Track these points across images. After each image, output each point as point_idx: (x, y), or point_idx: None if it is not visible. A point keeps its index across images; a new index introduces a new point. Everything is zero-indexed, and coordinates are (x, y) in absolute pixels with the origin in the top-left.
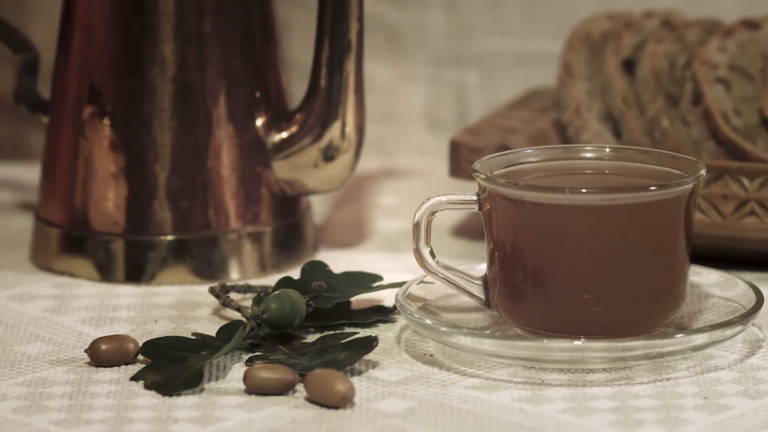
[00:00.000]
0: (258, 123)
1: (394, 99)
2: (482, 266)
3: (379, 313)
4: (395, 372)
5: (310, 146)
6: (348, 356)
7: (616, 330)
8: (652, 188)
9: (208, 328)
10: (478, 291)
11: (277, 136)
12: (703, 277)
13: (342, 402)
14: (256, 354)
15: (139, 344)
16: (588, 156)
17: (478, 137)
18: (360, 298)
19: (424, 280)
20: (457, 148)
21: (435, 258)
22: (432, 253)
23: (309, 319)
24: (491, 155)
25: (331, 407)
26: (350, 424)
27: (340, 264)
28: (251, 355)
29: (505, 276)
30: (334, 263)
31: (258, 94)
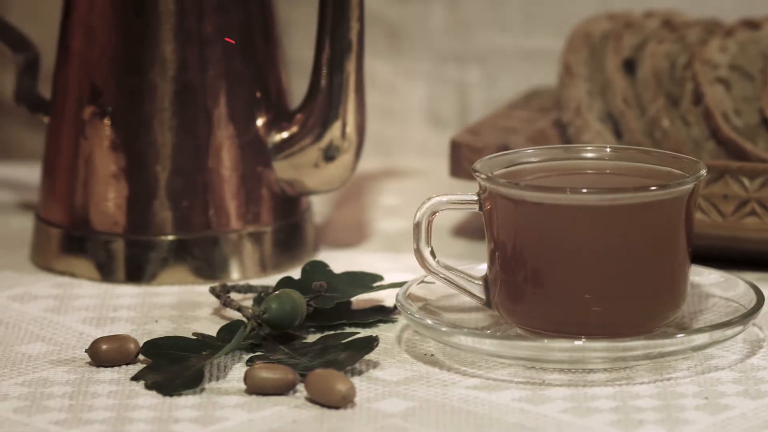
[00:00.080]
0: (258, 123)
1: (394, 96)
2: (483, 266)
3: (379, 313)
4: (396, 372)
5: (311, 146)
6: (348, 356)
7: (617, 330)
8: (652, 188)
9: (209, 328)
10: (479, 291)
11: (277, 136)
12: (704, 277)
13: (342, 402)
14: (257, 354)
15: (140, 344)
16: (588, 156)
17: (478, 137)
18: (360, 298)
19: (425, 280)
20: (457, 148)
21: (435, 258)
22: (432, 253)
23: (309, 319)
24: (492, 155)
25: (332, 407)
26: (351, 424)
27: (341, 264)
28: (252, 355)
29: (506, 276)
30: (334, 263)
31: (258, 94)
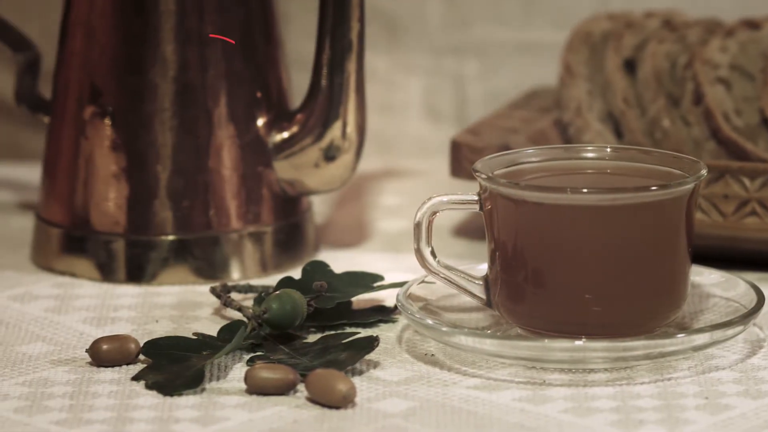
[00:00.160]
0: (259, 123)
1: (392, 89)
2: (483, 266)
3: (380, 313)
4: (396, 372)
5: (311, 146)
6: (349, 356)
7: (617, 330)
8: (653, 188)
9: (209, 328)
10: (479, 291)
11: (278, 136)
12: (704, 277)
13: (343, 402)
14: (257, 354)
15: (140, 344)
16: (589, 156)
17: (479, 137)
18: (361, 298)
19: (425, 280)
20: (458, 148)
21: (436, 258)
22: (433, 253)
23: (310, 319)
24: (492, 155)
25: (333, 407)
26: (351, 424)
27: (341, 264)
28: (252, 355)
29: (506, 276)
30: (335, 263)
31: (259, 94)
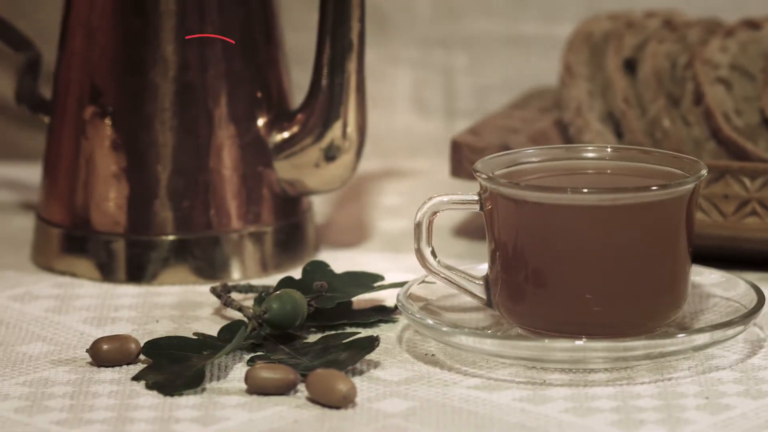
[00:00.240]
0: (259, 123)
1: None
2: (484, 266)
3: (380, 313)
4: (397, 372)
5: (312, 146)
6: (349, 356)
7: (618, 330)
8: (653, 188)
9: (210, 328)
10: (480, 291)
11: (278, 136)
12: (705, 277)
13: (343, 402)
14: (258, 354)
15: (141, 344)
16: (589, 156)
17: (479, 137)
18: (361, 298)
19: (426, 280)
20: (458, 148)
21: (436, 258)
22: (433, 253)
23: (310, 319)
24: (493, 155)
25: (333, 407)
26: (352, 424)
27: (342, 264)
28: (253, 355)
29: (507, 276)
30: (335, 263)
31: (259, 94)
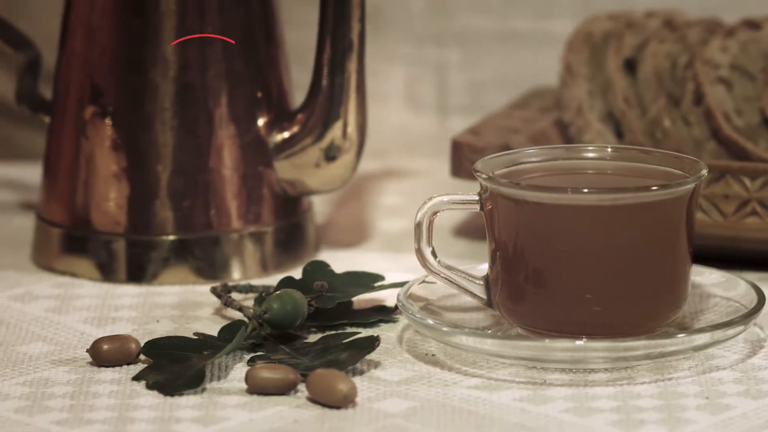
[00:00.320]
0: (260, 123)
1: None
2: (484, 266)
3: (380, 313)
4: (397, 372)
5: (312, 146)
6: (350, 356)
7: (618, 330)
8: (653, 188)
9: (210, 328)
10: (480, 291)
11: (278, 136)
12: (705, 277)
13: (344, 402)
14: (258, 354)
15: (141, 344)
16: (590, 156)
17: (479, 137)
18: (361, 298)
19: (426, 280)
20: (458, 147)
21: (437, 258)
22: (434, 253)
23: (311, 318)
24: (493, 155)
25: (333, 407)
26: (352, 424)
27: (342, 264)
28: (253, 354)
29: (507, 276)
30: (335, 263)
31: (259, 94)
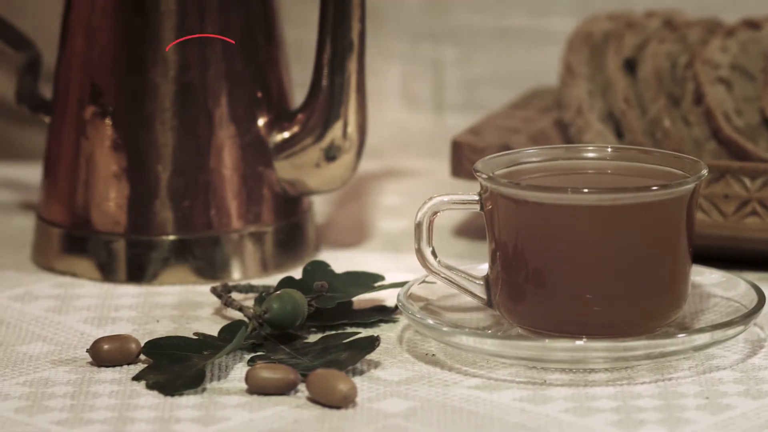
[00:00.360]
0: (260, 123)
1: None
2: (484, 266)
3: (380, 313)
4: (397, 372)
5: (312, 146)
6: (350, 356)
7: (618, 330)
8: (653, 188)
9: (210, 328)
10: (480, 291)
11: (278, 136)
12: (705, 277)
13: (344, 402)
14: (258, 354)
15: (141, 344)
16: (590, 156)
17: (479, 137)
18: (362, 298)
19: (426, 280)
20: (458, 147)
21: (437, 258)
22: (434, 253)
23: (311, 318)
24: (493, 155)
25: (333, 407)
26: (352, 424)
27: (342, 264)
28: (253, 354)
29: (507, 276)
30: (335, 263)
31: (260, 94)
